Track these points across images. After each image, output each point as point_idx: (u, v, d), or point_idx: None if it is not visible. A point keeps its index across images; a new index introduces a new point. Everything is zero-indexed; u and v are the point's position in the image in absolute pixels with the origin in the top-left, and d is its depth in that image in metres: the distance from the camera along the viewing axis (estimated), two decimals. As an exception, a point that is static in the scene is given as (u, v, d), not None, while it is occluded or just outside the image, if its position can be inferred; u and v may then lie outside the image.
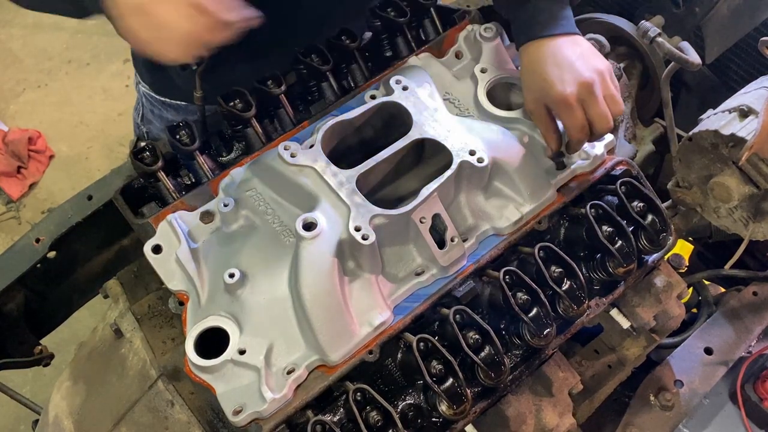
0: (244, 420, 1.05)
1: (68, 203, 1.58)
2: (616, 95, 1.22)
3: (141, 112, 1.80)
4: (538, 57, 1.24)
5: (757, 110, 1.40)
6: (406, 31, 1.49)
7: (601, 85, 1.20)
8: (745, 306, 1.60)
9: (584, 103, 1.19)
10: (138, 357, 1.28)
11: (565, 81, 1.19)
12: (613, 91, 1.22)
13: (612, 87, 1.22)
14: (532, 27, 1.26)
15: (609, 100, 1.21)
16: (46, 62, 4.02)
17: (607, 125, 1.21)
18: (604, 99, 1.20)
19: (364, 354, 1.11)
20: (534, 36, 1.25)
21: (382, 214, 1.14)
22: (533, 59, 1.25)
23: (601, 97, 1.20)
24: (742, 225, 1.51)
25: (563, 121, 1.23)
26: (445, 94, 1.37)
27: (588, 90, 1.18)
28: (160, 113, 1.74)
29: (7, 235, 3.40)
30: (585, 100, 1.19)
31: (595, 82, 1.19)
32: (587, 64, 1.21)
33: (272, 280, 1.15)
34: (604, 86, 1.21)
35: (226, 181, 1.28)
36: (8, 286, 1.50)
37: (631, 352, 1.42)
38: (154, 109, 1.75)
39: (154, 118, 1.77)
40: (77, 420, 1.30)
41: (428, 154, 1.32)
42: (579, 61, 1.21)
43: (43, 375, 2.67)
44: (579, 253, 1.25)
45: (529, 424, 1.22)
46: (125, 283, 1.40)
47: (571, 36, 1.25)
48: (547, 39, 1.24)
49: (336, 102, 1.41)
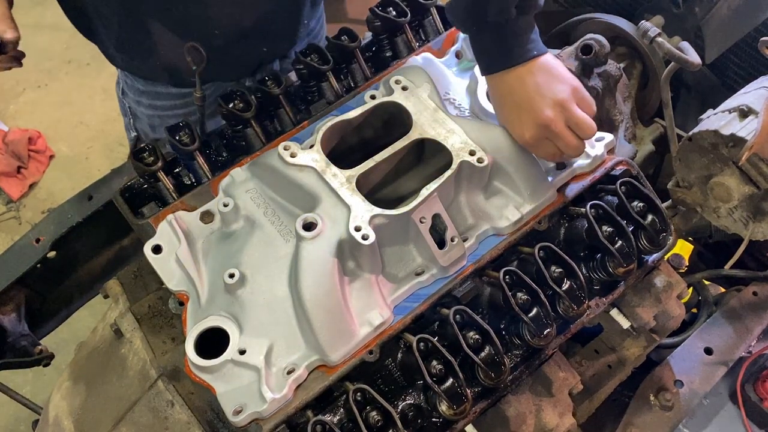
0: (244, 420, 1.05)
1: (68, 203, 1.58)
2: (582, 121, 1.16)
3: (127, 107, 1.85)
4: (499, 93, 1.21)
5: (757, 110, 1.40)
6: (406, 30, 1.49)
7: (563, 117, 1.16)
8: (745, 306, 1.60)
9: (549, 138, 1.17)
10: (138, 357, 1.28)
11: (523, 123, 1.18)
12: (578, 117, 1.16)
13: (576, 114, 1.16)
14: (487, 61, 1.20)
15: (575, 128, 1.17)
16: (46, 62, 4.02)
17: (576, 152, 1.19)
18: (569, 128, 1.16)
19: (364, 354, 1.11)
20: (491, 71, 1.19)
21: (382, 214, 1.14)
22: (494, 96, 1.23)
23: (564, 131, 1.16)
24: (742, 225, 1.51)
25: (536, 155, 1.24)
26: (445, 94, 1.37)
27: (546, 128, 1.16)
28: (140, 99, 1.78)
29: (7, 235, 3.40)
30: (548, 137, 1.17)
31: (553, 120, 1.15)
32: (545, 98, 1.15)
33: (272, 280, 1.15)
34: (567, 116, 1.16)
35: (226, 181, 1.28)
36: (8, 286, 1.50)
37: (631, 352, 1.42)
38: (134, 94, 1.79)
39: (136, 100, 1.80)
40: (77, 420, 1.30)
41: (428, 154, 1.32)
42: (537, 96, 1.15)
43: (43, 375, 2.67)
44: (579, 253, 1.25)
45: (529, 424, 1.22)
46: (125, 283, 1.40)
47: (530, 63, 1.16)
48: (503, 72, 1.17)
49: (336, 102, 1.42)
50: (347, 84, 1.49)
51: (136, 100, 1.78)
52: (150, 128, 1.82)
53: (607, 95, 1.60)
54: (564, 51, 1.56)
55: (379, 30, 1.50)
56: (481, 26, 1.16)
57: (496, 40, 1.17)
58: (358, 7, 3.89)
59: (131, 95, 1.79)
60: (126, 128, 1.91)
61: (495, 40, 1.17)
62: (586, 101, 1.20)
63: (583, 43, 1.51)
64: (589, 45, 1.51)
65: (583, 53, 1.52)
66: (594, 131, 1.18)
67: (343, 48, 1.44)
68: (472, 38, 1.22)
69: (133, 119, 1.84)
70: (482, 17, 1.14)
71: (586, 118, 1.17)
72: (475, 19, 1.16)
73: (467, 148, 1.21)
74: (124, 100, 1.83)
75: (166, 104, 1.74)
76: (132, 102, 1.80)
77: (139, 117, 1.83)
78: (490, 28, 1.15)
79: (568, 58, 1.53)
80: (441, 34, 1.53)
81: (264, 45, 1.66)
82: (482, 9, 1.13)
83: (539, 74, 1.16)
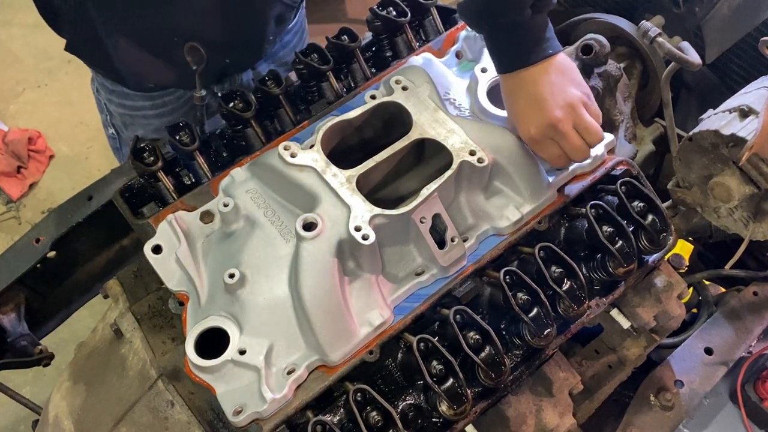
0: (245, 420, 1.05)
1: (68, 203, 1.57)
2: (591, 126, 1.17)
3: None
4: (511, 90, 1.21)
5: (757, 110, 1.40)
6: (406, 30, 1.49)
7: (572, 119, 1.16)
8: (745, 306, 1.60)
9: (555, 138, 1.18)
10: (138, 357, 1.28)
11: (531, 119, 1.18)
12: (586, 122, 1.16)
13: (585, 118, 1.16)
14: (503, 60, 1.20)
15: (583, 132, 1.17)
16: (46, 62, 4.02)
17: (581, 156, 1.19)
18: (576, 131, 1.17)
19: (364, 354, 1.11)
20: (507, 70, 1.19)
21: (382, 214, 1.14)
22: (505, 92, 1.23)
23: (571, 133, 1.16)
24: (742, 225, 1.51)
25: (537, 154, 1.24)
26: (445, 94, 1.37)
27: (554, 129, 1.16)
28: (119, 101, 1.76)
29: (7, 235, 3.40)
30: (554, 137, 1.17)
31: (561, 120, 1.15)
32: (557, 99, 1.15)
33: (272, 280, 1.15)
34: (576, 119, 1.16)
35: (226, 181, 1.28)
36: (8, 286, 1.50)
37: (632, 352, 1.42)
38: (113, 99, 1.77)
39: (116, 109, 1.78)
40: (77, 420, 1.30)
41: (428, 154, 1.32)
42: (549, 96, 1.15)
43: (43, 375, 2.67)
44: (579, 253, 1.25)
45: (529, 424, 1.21)
46: (125, 283, 1.40)
47: (545, 62, 1.16)
48: (519, 72, 1.17)
49: (336, 102, 1.41)
50: (347, 84, 1.49)
51: (107, 97, 1.76)
52: (123, 126, 1.80)
53: (607, 95, 1.60)
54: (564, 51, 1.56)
55: (379, 30, 1.50)
56: (496, 26, 1.16)
57: (512, 39, 1.16)
58: (358, 7, 3.89)
59: (103, 93, 1.76)
60: (103, 125, 1.88)
61: (511, 40, 1.16)
62: (595, 109, 1.20)
63: (584, 43, 1.51)
64: (589, 45, 1.51)
65: (583, 53, 1.52)
66: (600, 139, 1.18)
67: (343, 48, 1.44)
68: (487, 38, 1.21)
69: (109, 116, 1.82)
70: (497, 17, 1.13)
71: (594, 124, 1.17)
72: (489, 18, 1.15)
73: (467, 148, 1.21)
74: (99, 97, 1.80)
75: (136, 104, 1.72)
76: (105, 99, 1.78)
77: (113, 114, 1.80)
78: (506, 28, 1.15)
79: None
80: (441, 34, 1.53)
81: (226, 57, 1.63)
82: (497, 9, 1.12)
83: (554, 74, 1.16)
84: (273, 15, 1.62)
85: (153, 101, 1.70)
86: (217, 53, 1.57)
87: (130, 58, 1.56)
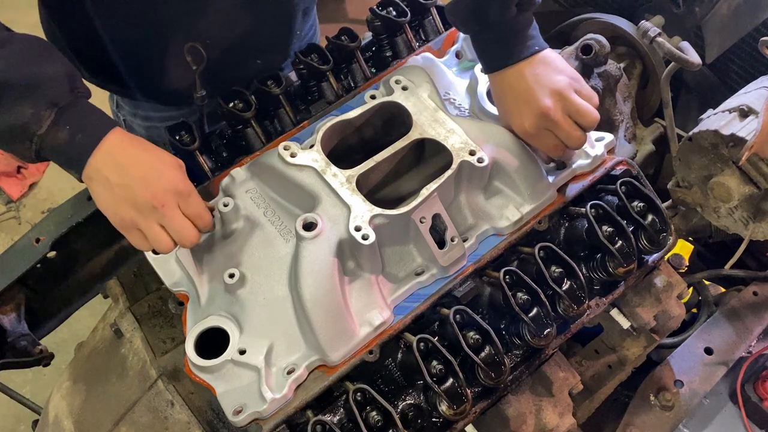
0: (245, 420, 1.05)
1: (68, 203, 1.57)
2: (582, 108, 1.17)
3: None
4: (500, 89, 1.23)
5: (757, 110, 1.40)
6: (406, 30, 1.49)
7: (561, 105, 1.16)
8: (745, 306, 1.60)
9: (549, 128, 1.18)
10: (138, 357, 1.28)
11: (522, 114, 1.19)
12: (577, 105, 1.17)
13: (576, 101, 1.17)
14: (489, 60, 1.22)
15: (576, 116, 1.17)
16: (46, 62, 4.02)
17: (577, 142, 1.19)
18: (569, 116, 1.17)
19: (364, 354, 1.11)
20: (493, 69, 1.22)
21: (382, 214, 1.14)
22: (495, 92, 1.25)
23: (563, 120, 1.17)
24: (742, 225, 1.51)
25: (535, 147, 1.24)
26: (445, 94, 1.37)
27: (546, 118, 1.17)
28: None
29: (7, 235, 3.40)
30: (548, 127, 1.18)
31: (551, 108, 1.16)
32: (544, 88, 1.16)
33: (272, 280, 1.15)
34: (566, 104, 1.17)
35: (226, 181, 1.28)
36: (8, 286, 1.50)
37: (632, 352, 1.42)
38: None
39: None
40: (77, 420, 1.30)
41: (428, 154, 1.32)
42: (536, 87, 1.17)
43: (43, 375, 2.67)
44: (579, 253, 1.25)
45: (529, 424, 1.21)
46: (125, 283, 1.40)
47: (530, 58, 1.19)
48: (505, 69, 1.20)
49: (336, 102, 1.41)
50: (347, 84, 1.49)
51: (132, 112, 1.72)
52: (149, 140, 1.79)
53: (607, 95, 1.61)
54: (564, 51, 1.57)
55: (379, 30, 1.50)
56: (483, 26, 1.17)
57: (498, 38, 1.19)
58: (358, 7, 3.89)
59: (127, 108, 1.72)
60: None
61: (496, 39, 1.19)
62: (586, 92, 1.20)
63: (583, 43, 1.51)
64: (589, 45, 1.51)
65: (583, 53, 1.52)
66: (595, 119, 1.18)
67: (343, 48, 1.44)
68: (474, 38, 1.24)
69: (129, 131, 1.81)
70: (484, 17, 1.15)
71: (585, 106, 1.18)
72: (477, 19, 1.17)
73: (467, 147, 1.21)
74: (119, 114, 1.76)
75: (164, 115, 1.68)
76: (128, 115, 1.74)
77: (136, 130, 1.76)
78: (492, 28, 1.17)
79: (568, 58, 1.53)
80: (441, 34, 1.53)
81: (257, 58, 1.59)
82: (484, 9, 1.14)
83: (538, 67, 1.18)
84: (302, 7, 1.59)
85: (180, 110, 1.66)
86: (247, 55, 1.53)
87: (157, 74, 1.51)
